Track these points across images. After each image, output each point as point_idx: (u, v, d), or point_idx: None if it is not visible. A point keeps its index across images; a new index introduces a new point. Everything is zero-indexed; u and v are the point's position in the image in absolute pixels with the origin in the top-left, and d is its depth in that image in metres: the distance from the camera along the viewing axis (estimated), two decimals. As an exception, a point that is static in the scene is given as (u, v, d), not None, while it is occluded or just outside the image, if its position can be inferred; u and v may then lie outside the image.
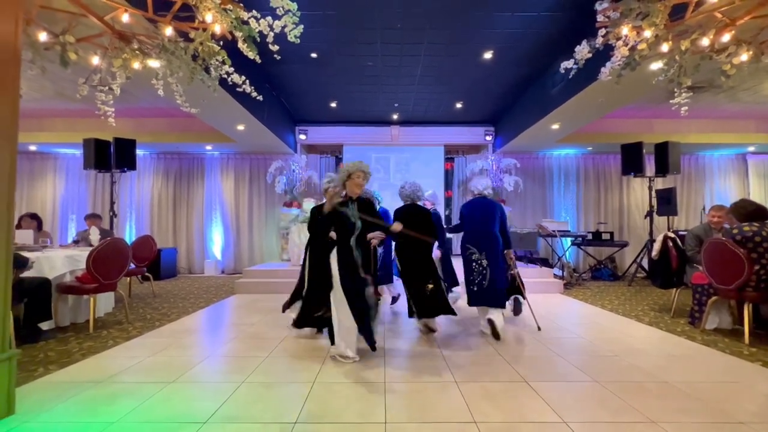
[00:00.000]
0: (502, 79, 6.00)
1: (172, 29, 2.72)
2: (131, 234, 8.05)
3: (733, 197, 7.81)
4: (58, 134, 7.07)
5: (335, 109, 7.39)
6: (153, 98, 5.65)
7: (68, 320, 3.72)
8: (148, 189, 8.20)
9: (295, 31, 2.65)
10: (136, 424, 1.86)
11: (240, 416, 1.94)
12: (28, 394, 2.17)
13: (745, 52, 2.79)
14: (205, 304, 4.81)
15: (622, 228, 8.22)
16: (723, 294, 3.37)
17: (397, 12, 4.19)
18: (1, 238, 1.92)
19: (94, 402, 2.09)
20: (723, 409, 2.01)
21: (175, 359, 2.78)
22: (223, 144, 7.39)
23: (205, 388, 2.30)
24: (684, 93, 3.04)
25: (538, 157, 8.45)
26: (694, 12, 2.65)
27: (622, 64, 2.92)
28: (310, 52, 5.06)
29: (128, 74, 2.99)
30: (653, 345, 3.13)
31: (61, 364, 2.64)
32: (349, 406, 2.04)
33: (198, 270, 8.12)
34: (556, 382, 2.36)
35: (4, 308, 1.93)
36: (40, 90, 5.57)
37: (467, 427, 1.82)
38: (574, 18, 4.23)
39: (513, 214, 7.86)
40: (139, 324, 3.77)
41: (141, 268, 5.22)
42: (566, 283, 6.15)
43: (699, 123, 7.26)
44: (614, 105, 5.32)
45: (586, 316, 4.24)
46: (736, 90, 5.75)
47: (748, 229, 3.20)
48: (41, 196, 8.08)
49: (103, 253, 3.51)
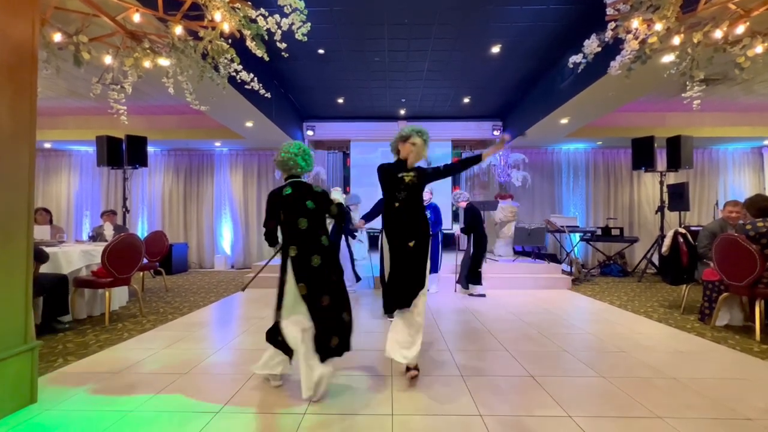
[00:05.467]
0: (510, 74, 5.94)
1: (181, 28, 2.76)
2: (143, 229, 8.20)
3: (747, 192, 7.65)
4: (72, 132, 7.22)
5: (342, 105, 7.40)
6: (164, 96, 5.73)
7: (85, 313, 3.84)
8: (160, 185, 8.34)
9: (302, 29, 2.66)
10: (152, 413, 1.93)
11: (251, 406, 1.99)
12: (49, 383, 2.26)
13: (759, 44, 2.72)
14: (215, 298, 4.91)
15: (632, 224, 8.11)
16: (734, 290, 3.33)
17: (404, 7, 4.17)
18: (22, 233, 1.99)
19: (112, 392, 2.17)
20: (731, 405, 2.00)
21: (188, 351, 2.85)
22: (232, 140, 7.46)
23: (217, 379, 2.36)
24: (697, 86, 2.98)
25: (547, 151, 8.36)
26: (706, 4, 2.60)
27: (633, 58, 2.88)
28: (318, 49, 5.08)
29: (139, 73, 3.04)
30: (662, 341, 3.11)
31: (79, 356, 2.74)
32: (357, 398, 2.08)
33: (208, 265, 8.25)
34: (563, 377, 2.37)
35: (26, 302, 2.01)
36: (54, 89, 5.68)
37: (473, 420, 1.85)
38: (584, 11, 4.16)
39: (521, 209, 7.81)
40: (152, 317, 3.86)
41: (153, 263, 5.33)
42: (574, 279, 6.11)
43: (713, 116, 7.09)
44: (625, 99, 5.23)
45: (594, 312, 4.22)
46: (751, 82, 5.61)
47: (762, 225, 3.15)
48: (56, 192, 8.27)
49: (117, 249, 3.60)
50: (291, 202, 2.17)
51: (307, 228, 2.15)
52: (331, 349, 2.09)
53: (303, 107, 7.63)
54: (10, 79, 1.94)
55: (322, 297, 2.11)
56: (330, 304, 2.12)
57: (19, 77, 1.99)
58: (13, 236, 1.95)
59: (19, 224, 1.98)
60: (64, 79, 5.23)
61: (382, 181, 2.44)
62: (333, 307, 2.13)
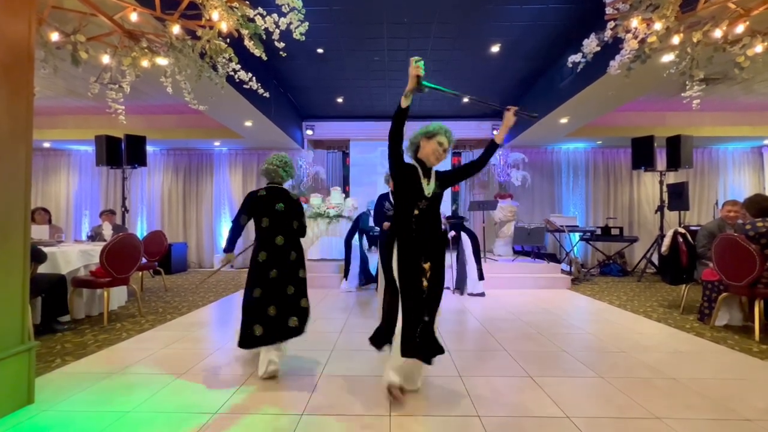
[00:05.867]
0: (509, 73, 5.93)
1: (179, 27, 2.75)
2: (142, 229, 8.20)
3: (747, 192, 7.64)
4: (71, 131, 7.21)
5: (342, 105, 7.39)
6: (162, 96, 5.71)
7: (83, 313, 3.83)
8: (159, 185, 8.33)
9: (300, 28, 2.66)
10: (149, 414, 1.92)
11: (249, 407, 1.99)
12: (47, 383, 2.25)
13: (759, 43, 2.71)
14: (214, 298, 4.90)
15: (632, 223, 8.11)
16: (734, 290, 3.32)
17: (403, 6, 4.16)
18: (19, 233, 1.99)
19: (110, 392, 2.16)
20: (730, 406, 2.00)
21: (187, 351, 2.85)
22: (231, 140, 7.46)
23: (216, 380, 2.36)
24: (696, 85, 2.98)
25: (547, 151, 8.36)
26: (706, 3, 2.59)
27: (632, 57, 2.87)
28: (317, 48, 5.07)
29: (137, 72, 3.04)
30: (661, 341, 3.11)
31: (77, 356, 2.73)
32: (355, 399, 2.08)
33: (208, 264, 8.25)
34: (561, 378, 2.36)
35: (23, 302, 2.00)
36: (52, 88, 5.67)
37: (471, 421, 1.84)
38: (584, 10, 4.15)
39: (520, 209, 7.81)
40: (151, 317, 3.86)
41: (152, 262, 5.33)
42: (574, 278, 6.11)
43: (713, 116, 7.08)
44: (624, 98, 5.22)
45: (593, 312, 4.22)
46: (751, 82, 5.60)
47: (762, 225, 3.15)
48: (55, 191, 8.26)
49: (115, 248, 3.59)
50: (263, 202, 2.41)
51: (267, 227, 2.39)
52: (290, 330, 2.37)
53: (302, 107, 7.62)
54: (7, 78, 1.93)
55: (271, 293, 2.35)
56: (274, 302, 2.35)
57: (16, 77, 1.98)
58: (10, 236, 1.94)
59: (16, 224, 1.97)
60: (63, 79, 5.22)
61: (405, 183, 2.04)
62: (266, 302, 2.34)
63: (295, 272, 2.43)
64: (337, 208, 6.19)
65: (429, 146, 2.08)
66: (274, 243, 2.38)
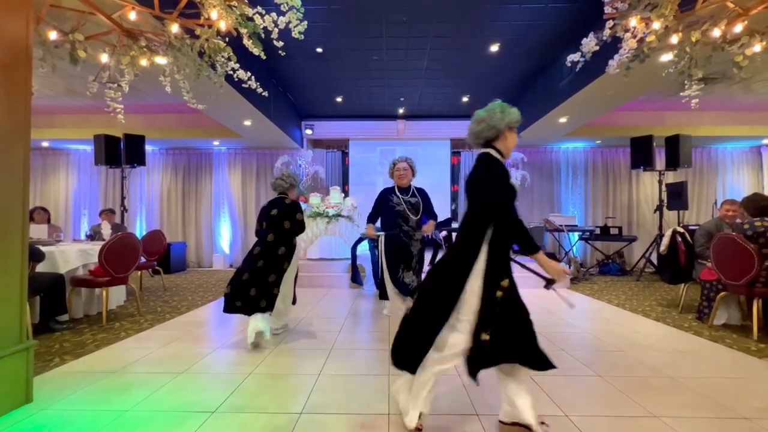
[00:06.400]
0: (508, 72, 5.93)
1: (178, 26, 2.75)
2: (141, 228, 8.19)
3: (746, 191, 7.64)
4: (69, 130, 7.19)
5: (341, 104, 7.39)
6: (162, 95, 5.71)
7: (82, 312, 3.83)
8: (158, 184, 8.32)
9: (299, 27, 2.65)
10: (148, 413, 1.92)
11: (247, 406, 1.99)
12: (45, 383, 2.25)
13: (758, 43, 2.71)
14: (213, 297, 4.90)
15: (631, 223, 8.11)
16: (732, 289, 3.33)
17: (402, 5, 4.16)
18: (17, 232, 1.98)
19: (108, 391, 2.16)
20: (728, 404, 2.00)
21: (185, 351, 2.85)
22: (230, 139, 7.45)
23: (214, 379, 2.36)
24: (695, 85, 2.98)
25: (546, 150, 8.36)
26: (704, 2, 2.59)
27: (631, 57, 2.87)
28: (316, 47, 5.06)
29: (136, 71, 3.03)
30: (660, 340, 3.11)
31: (75, 355, 2.73)
32: (353, 398, 2.08)
33: (207, 264, 8.24)
34: (560, 376, 2.36)
35: (21, 300, 2.00)
36: (51, 87, 5.66)
37: (470, 419, 1.85)
38: (582, 10, 4.15)
39: (520, 208, 7.80)
40: (150, 316, 3.85)
41: (151, 261, 5.32)
42: (573, 278, 6.11)
43: (712, 115, 7.09)
44: (623, 98, 5.23)
45: (592, 311, 4.22)
46: (750, 81, 5.61)
47: (760, 224, 3.15)
48: (54, 191, 8.25)
49: (114, 248, 3.59)
50: (266, 211, 3.12)
51: (264, 228, 3.08)
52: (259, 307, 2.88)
53: (301, 106, 7.62)
54: (5, 77, 1.93)
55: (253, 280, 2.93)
56: (256, 286, 2.90)
57: (14, 75, 1.97)
58: (8, 235, 1.94)
59: (14, 223, 1.97)
60: (62, 78, 5.21)
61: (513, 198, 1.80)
62: (250, 285, 2.90)
63: (280, 264, 2.99)
64: (337, 208, 6.18)
65: (512, 138, 1.76)
66: (266, 240, 2.99)
